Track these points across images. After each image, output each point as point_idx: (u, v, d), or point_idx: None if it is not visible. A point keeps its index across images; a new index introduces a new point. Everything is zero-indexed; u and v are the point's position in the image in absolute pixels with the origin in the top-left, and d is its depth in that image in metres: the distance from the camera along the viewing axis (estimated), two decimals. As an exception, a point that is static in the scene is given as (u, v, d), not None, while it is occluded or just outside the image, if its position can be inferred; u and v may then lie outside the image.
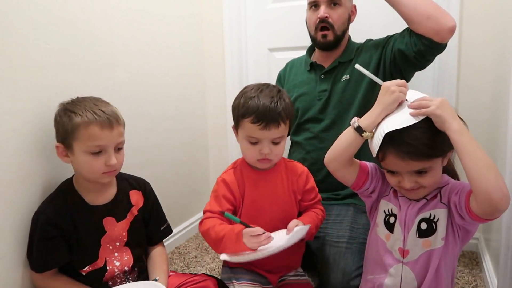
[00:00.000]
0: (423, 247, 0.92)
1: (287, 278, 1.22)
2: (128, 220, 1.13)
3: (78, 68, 1.27)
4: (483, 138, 1.62)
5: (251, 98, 1.08)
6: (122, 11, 1.50)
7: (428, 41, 1.23)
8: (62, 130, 1.02)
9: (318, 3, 1.38)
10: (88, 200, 1.08)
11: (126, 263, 1.12)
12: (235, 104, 1.14)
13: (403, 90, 0.92)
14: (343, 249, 1.23)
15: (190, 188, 2.05)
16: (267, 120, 1.05)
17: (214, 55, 2.10)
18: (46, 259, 1.02)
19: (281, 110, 1.07)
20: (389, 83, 0.94)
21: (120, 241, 1.11)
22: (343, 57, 1.45)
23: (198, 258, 1.79)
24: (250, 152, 1.12)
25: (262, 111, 1.05)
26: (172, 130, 1.86)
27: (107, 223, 1.09)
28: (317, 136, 1.43)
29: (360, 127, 0.93)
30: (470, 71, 1.65)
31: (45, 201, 1.06)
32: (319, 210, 1.22)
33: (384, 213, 1.00)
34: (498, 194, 0.75)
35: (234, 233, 1.03)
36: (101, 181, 1.06)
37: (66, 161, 1.05)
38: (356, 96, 1.39)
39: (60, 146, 1.04)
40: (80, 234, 1.05)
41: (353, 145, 0.95)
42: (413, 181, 0.88)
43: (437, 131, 0.85)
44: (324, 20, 1.38)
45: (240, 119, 1.11)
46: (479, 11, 1.61)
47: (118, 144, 1.06)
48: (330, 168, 1.01)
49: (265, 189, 1.16)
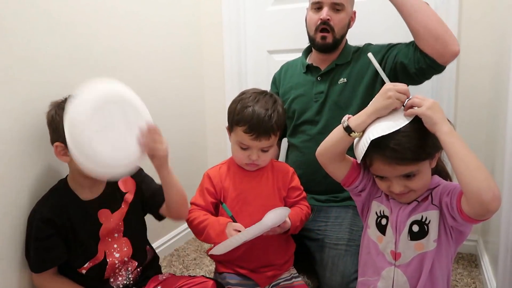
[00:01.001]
0: (415, 250, 0.92)
1: (281, 283, 1.22)
2: (123, 210, 1.13)
3: (77, 68, 1.27)
4: (481, 137, 1.63)
5: (247, 107, 1.15)
6: (122, 15, 1.50)
7: (431, 61, 1.23)
8: (61, 128, 1.00)
9: (322, 5, 1.39)
10: (81, 196, 1.08)
11: (126, 254, 1.12)
12: (231, 108, 1.20)
13: (400, 98, 0.89)
14: (342, 251, 1.23)
15: (189, 189, 2.04)
16: (258, 132, 1.13)
17: (213, 56, 2.10)
18: (43, 258, 1.02)
19: (273, 123, 1.15)
20: (390, 86, 0.91)
21: (118, 232, 1.12)
22: (339, 60, 1.45)
23: (197, 260, 1.78)
24: (240, 156, 1.20)
25: (256, 123, 1.13)
26: (171, 130, 1.85)
27: (102, 215, 1.09)
28: (313, 138, 1.44)
29: (349, 127, 0.93)
30: (469, 71, 1.65)
31: (39, 201, 1.07)
32: (304, 206, 1.27)
33: (376, 214, 1.00)
34: (488, 194, 0.76)
35: (219, 223, 1.13)
36: (99, 177, 1.05)
37: (65, 160, 1.04)
38: (353, 100, 1.39)
39: (59, 145, 1.02)
40: (77, 230, 1.05)
41: (342, 143, 0.96)
42: (402, 185, 0.89)
43: (422, 135, 0.85)
44: (325, 22, 1.38)
45: (234, 125, 1.18)
46: (478, 14, 1.61)
47: None
48: (320, 161, 1.02)
49: (250, 184, 1.23)
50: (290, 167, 1.30)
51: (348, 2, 1.41)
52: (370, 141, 0.86)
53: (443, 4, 1.63)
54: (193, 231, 1.20)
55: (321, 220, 1.36)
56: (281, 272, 1.24)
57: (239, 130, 1.15)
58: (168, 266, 1.73)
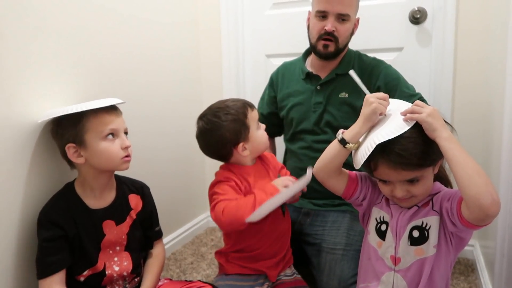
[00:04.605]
0: (415, 255, 0.92)
1: (282, 278, 1.24)
2: (127, 224, 1.13)
3: (75, 72, 1.26)
4: (478, 137, 1.63)
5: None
6: (120, 19, 1.50)
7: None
8: (70, 128, 1.02)
9: (327, 15, 1.36)
10: (88, 204, 1.08)
11: (125, 269, 1.11)
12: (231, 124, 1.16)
13: (382, 102, 0.94)
14: (340, 256, 1.23)
15: (186, 193, 2.04)
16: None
17: (211, 60, 2.10)
18: (51, 261, 1.00)
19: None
20: (370, 95, 0.97)
21: (120, 245, 1.11)
22: (340, 69, 1.44)
23: (194, 264, 1.78)
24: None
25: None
26: (169, 133, 1.86)
27: (107, 226, 1.09)
28: (311, 146, 1.44)
29: (343, 139, 0.95)
30: (467, 68, 1.66)
31: (47, 204, 1.06)
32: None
33: (376, 220, 1.01)
34: (488, 199, 0.76)
35: (264, 186, 1.13)
36: (121, 168, 1.08)
37: (80, 162, 1.04)
38: (352, 117, 1.38)
39: (71, 146, 1.03)
40: (81, 237, 1.04)
41: (338, 156, 0.97)
42: (405, 190, 0.90)
43: (426, 141, 0.86)
44: (330, 33, 1.37)
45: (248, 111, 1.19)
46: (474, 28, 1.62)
47: (125, 129, 1.10)
48: (319, 178, 1.03)
49: (261, 178, 1.22)
50: (270, 153, 1.34)
51: (353, 11, 1.40)
52: (375, 145, 0.87)
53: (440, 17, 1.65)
54: (229, 215, 1.06)
55: (319, 225, 1.37)
56: (286, 266, 1.26)
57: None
58: (165, 270, 1.72)
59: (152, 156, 1.73)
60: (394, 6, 1.72)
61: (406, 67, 1.62)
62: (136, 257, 1.15)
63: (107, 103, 1.04)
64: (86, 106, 1.01)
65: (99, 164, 1.05)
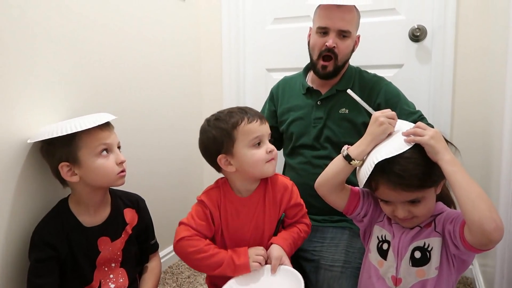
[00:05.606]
0: (416, 277, 0.91)
1: None
2: (123, 239, 1.12)
3: (74, 78, 1.26)
4: (478, 154, 1.63)
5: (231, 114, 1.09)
6: (121, 34, 1.51)
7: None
8: (62, 146, 1.00)
9: (328, 31, 1.37)
10: (83, 221, 1.06)
11: (121, 285, 1.10)
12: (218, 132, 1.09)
13: (391, 122, 0.95)
14: (338, 273, 1.21)
15: (184, 205, 2.03)
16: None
17: (212, 74, 2.11)
18: (40, 283, 0.98)
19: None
20: (379, 113, 0.97)
21: (115, 262, 1.10)
22: (340, 85, 1.45)
23: (191, 278, 1.76)
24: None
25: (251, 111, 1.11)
26: (169, 147, 1.85)
27: (102, 243, 1.07)
28: (310, 161, 1.44)
29: (349, 155, 0.94)
30: (466, 86, 1.67)
31: (40, 223, 1.04)
32: (303, 225, 1.20)
33: (378, 239, 1.00)
34: (491, 225, 0.75)
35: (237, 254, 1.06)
36: (116, 184, 1.06)
37: (74, 180, 1.02)
38: (352, 133, 1.39)
39: (64, 164, 1.01)
40: (75, 255, 1.03)
41: (342, 172, 0.97)
42: (406, 210, 0.89)
43: (427, 162, 0.85)
44: (330, 50, 1.38)
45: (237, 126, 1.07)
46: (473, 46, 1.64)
47: (118, 143, 1.08)
48: (320, 193, 1.02)
49: (247, 218, 1.13)
50: (289, 182, 1.20)
51: (354, 28, 1.41)
52: (374, 164, 0.87)
53: (440, 32, 1.67)
54: (190, 255, 1.05)
55: (317, 241, 1.35)
56: None
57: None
58: (161, 284, 1.70)
59: (151, 168, 1.72)
60: (394, 23, 1.74)
61: (406, 83, 1.62)
62: (132, 273, 1.13)
63: (101, 120, 1.02)
64: (80, 125, 0.98)
65: (95, 181, 1.03)
